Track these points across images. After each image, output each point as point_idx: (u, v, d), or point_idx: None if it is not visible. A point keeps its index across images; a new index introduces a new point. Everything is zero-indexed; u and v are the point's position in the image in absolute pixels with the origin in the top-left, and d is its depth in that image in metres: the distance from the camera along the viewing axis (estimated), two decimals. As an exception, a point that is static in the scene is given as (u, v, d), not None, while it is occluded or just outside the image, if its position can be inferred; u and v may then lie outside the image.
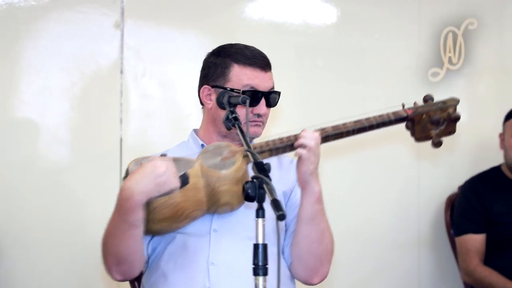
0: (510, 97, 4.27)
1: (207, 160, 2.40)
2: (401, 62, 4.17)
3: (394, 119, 2.55)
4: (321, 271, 2.59)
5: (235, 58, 2.59)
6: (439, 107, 2.54)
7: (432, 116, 2.53)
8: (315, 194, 2.48)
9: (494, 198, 3.98)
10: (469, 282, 4.00)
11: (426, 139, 2.56)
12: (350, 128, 2.52)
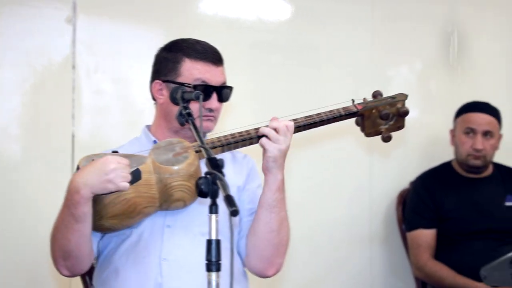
0: (460, 93, 4.32)
1: (159, 156, 2.39)
2: (355, 58, 4.20)
3: (345, 114, 2.58)
4: (276, 263, 2.60)
5: (186, 52, 2.59)
6: (388, 102, 2.56)
7: (381, 111, 2.56)
8: (276, 182, 2.50)
9: (444, 194, 4.02)
10: (420, 277, 4.04)
11: (376, 134, 2.59)
12: (301, 123, 2.54)
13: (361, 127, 2.59)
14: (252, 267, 2.63)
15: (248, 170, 2.69)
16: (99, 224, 2.39)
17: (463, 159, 4.03)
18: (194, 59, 2.58)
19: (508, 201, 4.02)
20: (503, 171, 4.11)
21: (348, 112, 2.58)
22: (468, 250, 3.94)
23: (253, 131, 2.49)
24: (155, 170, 2.36)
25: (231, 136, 2.47)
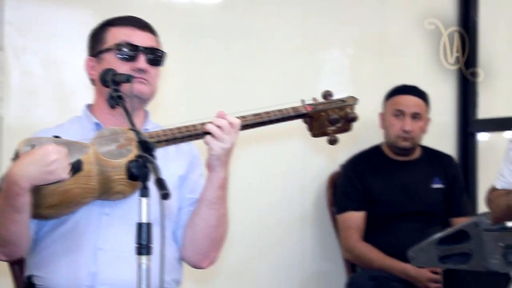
0: (390, 76, 4.37)
1: (101, 147, 2.36)
2: (286, 42, 4.21)
3: (294, 115, 2.57)
4: (211, 256, 2.61)
5: (112, 22, 2.59)
6: (338, 105, 2.56)
7: (330, 115, 2.56)
8: (219, 180, 2.49)
9: (374, 176, 4.07)
10: (350, 259, 4.09)
11: (323, 135, 2.59)
12: (249, 122, 2.52)
13: (309, 126, 2.59)
14: (187, 258, 2.63)
15: (190, 158, 2.66)
16: (36, 213, 2.35)
17: (392, 141, 4.09)
18: (119, 26, 2.57)
19: (435, 183, 4.10)
20: (431, 154, 4.18)
21: (298, 113, 2.56)
22: (396, 232, 4.00)
23: (199, 126, 2.44)
24: (96, 162, 2.33)
25: (177, 130, 2.44)
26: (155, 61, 2.57)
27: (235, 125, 2.46)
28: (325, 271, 4.29)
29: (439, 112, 4.32)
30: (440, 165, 4.14)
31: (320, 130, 2.58)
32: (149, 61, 2.55)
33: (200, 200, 2.54)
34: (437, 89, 4.42)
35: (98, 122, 2.58)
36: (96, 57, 2.58)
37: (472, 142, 4.49)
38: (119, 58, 2.52)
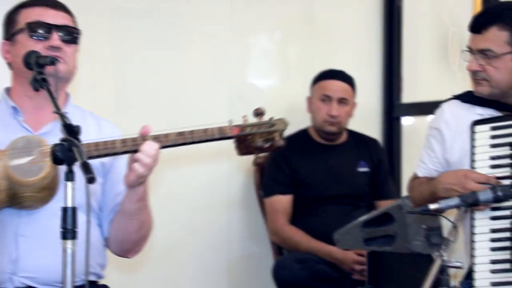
0: (318, 61, 4.40)
1: (13, 159, 2.31)
2: (215, 27, 4.20)
3: (219, 138, 2.52)
4: (135, 250, 2.65)
5: (24, 4, 2.57)
6: (266, 130, 2.50)
7: (256, 142, 2.50)
8: (139, 195, 2.49)
9: (301, 160, 4.11)
10: (276, 241, 4.12)
11: (248, 154, 2.56)
12: (171, 143, 2.48)
13: (235, 145, 2.54)
14: (112, 250, 2.67)
15: None
16: None
17: (319, 126, 4.12)
18: (30, 7, 2.55)
19: (361, 167, 4.15)
20: (357, 138, 4.23)
21: (223, 136, 2.52)
22: (322, 215, 4.05)
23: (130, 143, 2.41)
24: (6, 177, 2.29)
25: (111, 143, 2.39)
26: (70, 39, 2.54)
27: (157, 153, 2.43)
28: (252, 254, 4.31)
29: (365, 96, 4.37)
30: (365, 149, 4.20)
31: (245, 150, 2.53)
32: (63, 39, 2.52)
33: (120, 210, 2.54)
34: (363, 73, 4.47)
35: (15, 106, 2.55)
36: (10, 40, 2.56)
37: (397, 126, 4.56)
38: (32, 38, 2.50)
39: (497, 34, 2.70)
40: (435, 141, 2.86)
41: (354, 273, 3.91)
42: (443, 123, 2.84)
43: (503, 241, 2.58)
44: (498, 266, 2.57)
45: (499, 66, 2.72)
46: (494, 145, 2.65)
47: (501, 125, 2.66)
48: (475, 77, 2.76)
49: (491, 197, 2.49)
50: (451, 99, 2.90)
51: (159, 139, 2.45)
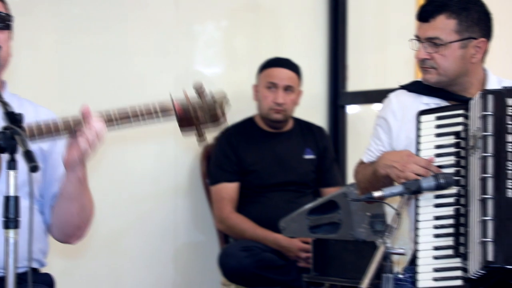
0: (264, 49, 4.40)
1: None
2: (160, 14, 4.18)
3: (162, 116, 2.49)
4: (78, 235, 2.62)
5: None
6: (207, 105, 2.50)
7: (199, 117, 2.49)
8: (78, 178, 2.47)
9: (247, 148, 4.11)
10: (222, 229, 4.13)
11: (192, 130, 2.54)
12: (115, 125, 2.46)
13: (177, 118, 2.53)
14: (55, 237, 2.64)
15: None
16: None
17: (265, 114, 4.13)
18: None
19: (306, 154, 4.17)
20: (303, 126, 4.25)
21: (166, 114, 2.50)
22: (269, 202, 4.07)
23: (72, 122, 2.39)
24: None
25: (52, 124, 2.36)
26: (2, 26, 2.49)
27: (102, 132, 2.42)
28: (198, 242, 4.31)
29: (310, 84, 4.39)
30: (311, 136, 4.22)
31: (188, 125, 2.52)
32: None
33: (60, 194, 2.52)
34: (309, 61, 4.48)
35: None
36: None
37: (342, 114, 4.59)
38: None
39: (445, 23, 2.73)
40: (381, 130, 2.88)
41: (299, 261, 3.93)
42: (390, 113, 2.87)
43: (446, 227, 2.61)
44: (441, 252, 2.60)
45: (447, 54, 2.74)
46: (439, 134, 2.67)
47: (446, 114, 2.68)
48: (423, 65, 2.78)
49: (433, 184, 2.52)
50: (398, 88, 2.92)
51: (103, 117, 2.45)
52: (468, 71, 2.78)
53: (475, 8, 2.76)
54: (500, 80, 2.85)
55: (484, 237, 2.47)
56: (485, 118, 2.55)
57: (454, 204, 2.62)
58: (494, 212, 2.48)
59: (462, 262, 2.56)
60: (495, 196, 2.49)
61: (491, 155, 2.52)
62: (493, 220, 2.48)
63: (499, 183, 2.50)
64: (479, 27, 2.76)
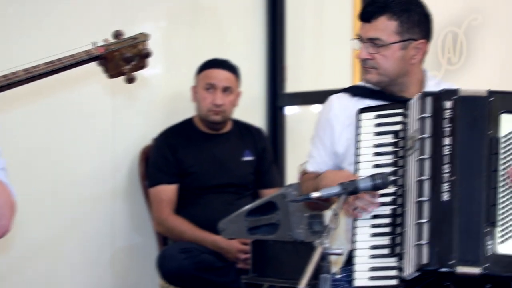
0: (203, 50, 4.39)
1: None
2: (95, 15, 4.13)
3: (87, 58, 2.52)
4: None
5: None
6: (130, 43, 2.54)
7: (124, 53, 2.54)
8: None
9: (186, 149, 4.10)
10: (161, 232, 4.10)
11: (119, 75, 2.56)
12: (42, 71, 2.45)
13: (104, 68, 2.56)
14: None
15: None
16: None
17: (204, 115, 4.12)
18: None
19: (245, 156, 4.17)
20: (242, 127, 4.24)
21: (91, 56, 2.52)
22: (208, 204, 4.05)
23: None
24: None
25: None
26: None
27: None
28: (136, 245, 4.27)
29: (249, 85, 4.39)
30: (250, 138, 4.22)
31: (116, 70, 2.55)
32: None
33: None
34: (248, 63, 4.48)
35: None
36: None
37: (281, 116, 4.60)
38: None
39: (386, 24, 2.75)
40: (324, 133, 2.89)
41: (238, 262, 3.93)
42: (332, 115, 2.87)
43: (383, 227, 2.63)
44: (377, 251, 2.61)
45: (388, 55, 2.76)
46: (378, 132, 2.69)
47: (385, 113, 2.71)
48: (365, 65, 2.81)
49: (370, 184, 2.53)
50: (338, 90, 2.94)
51: (30, 71, 2.41)
52: (408, 71, 2.81)
53: (416, 10, 2.78)
54: (438, 81, 2.88)
55: (419, 240, 2.50)
56: (423, 120, 2.57)
57: (391, 203, 2.64)
58: (429, 215, 2.51)
59: (398, 262, 2.58)
60: (431, 199, 2.52)
61: (428, 157, 2.55)
62: (428, 223, 2.50)
63: (435, 186, 2.53)
64: (419, 28, 2.79)
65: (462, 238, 2.51)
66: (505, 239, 2.50)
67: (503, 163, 2.55)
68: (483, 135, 2.56)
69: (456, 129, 2.56)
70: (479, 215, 2.52)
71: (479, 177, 2.54)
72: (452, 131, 2.56)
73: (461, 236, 2.50)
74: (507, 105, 2.58)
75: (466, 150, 2.56)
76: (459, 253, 2.49)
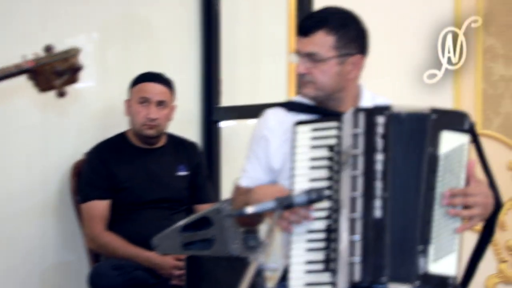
0: (137, 63, 4.35)
1: None
2: (25, 27, 4.07)
3: (16, 72, 2.48)
4: None
5: None
6: (61, 57, 2.51)
7: (55, 67, 2.49)
8: None
9: (119, 164, 4.04)
10: (93, 248, 4.03)
11: (50, 89, 2.53)
12: None
13: (35, 82, 2.52)
14: None
15: None
16: None
17: (137, 129, 4.06)
18: None
19: (180, 170, 4.13)
20: (176, 142, 4.21)
21: (20, 69, 2.49)
22: (142, 219, 4.00)
23: None
24: None
25: None
26: None
27: None
28: (67, 262, 4.20)
29: (184, 99, 4.36)
30: (184, 152, 4.18)
31: (46, 84, 2.52)
32: None
33: None
34: (183, 76, 4.45)
35: None
36: None
37: (216, 130, 4.57)
38: None
39: (324, 39, 2.75)
40: (259, 148, 2.88)
41: (172, 278, 3.88)
42: (268, 130, 2.87)
43: (319, 241, 2.62)
44: (312, 266, 2.61)
45: (325, 70, 2.76)
46: (314, 146, 2.69)
47: (320, 126, 2.71)
48: (302, 79, 2.82)
49: (305, 199, 2.52)
50: (273, 104, 2.93)
51: None
52: (344, 86, 2.81)
53: (353, 25, 2.79)
54: (373, 96, 2.89)
55: (352, 256, 2.50)
56: (356, 136, 2.58)
57: (326, 218, 2.63)
58: (361, 231, 2.52)
59: (332, 278, 2.57)
60: (363, 216, 2.53)
61: (360, 174, 2.55)
62: (360, 240, 2.51)
63: (367, 203, 2.53)
64: (356, 44, 2.80)
65: (394, 255, 2.52)
66: (438, 258, 2.52)
67: (441, 180, 2.55)
68: (421, 152, 2.56)
69: (388, 145, 2.56)
70: (414, 233, 2.53)
71: (416, 194, 2.55)
72: (385, 147, 2.56)
73: (393, 253, 2.52)
74: (449, 124, 2.58)
75: (400, 166, 2.56)
76: (390, 270, 2.50)
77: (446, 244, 2.52)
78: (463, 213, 2.55)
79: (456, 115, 2.60)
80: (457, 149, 2.56)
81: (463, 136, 2.57)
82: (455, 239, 2.53)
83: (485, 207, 2.60)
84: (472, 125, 2.62)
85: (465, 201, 2.55)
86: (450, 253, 2.52)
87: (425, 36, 4.64)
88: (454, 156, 2.56)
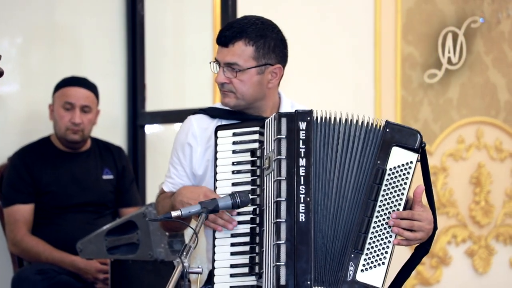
0: (61, 67, 4.32)
1: None
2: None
3: None
4: None
5: None
6: None
7: None
8: None
9: (43, 168, 4.01)
10: (16, 253, 3.99)
11: None
12: None
13: None
14: None
15: None
16: None
17: (62, 134, 4.04)
18: None
19: (105, 174, 4.12)
20: (101, 146, 4.19)
21: None
22: (66, 223, 3.98)
23: None
24: None
25: None
26: None
27: None
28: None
29: (109, 104, 4.35)
30: (110, 156, 4.18)
31: None
32: None
33: None
34: (107, 81, 4.45)
35: None
36: None
37: (141, 134, 4.57)
38: None
39: (243, 49, 2.77)
40: (182, 154, 2.88)
41: (97, 282, 3.88)
42: (191, 137, 2.87)
43: (243, 245, 2.65)
44: (237, 270, 2.63)
45: (244, 79, 2.78)
46: (236, 151, 2.72)
47: (242, 131, 2.73)
48: (222, 88, 2.83)
49: (230, 203, 2.56)
50: (198, 110, 2.94)
51: None
52: (264, 95, 2.84)
53: (271, 36, 2.81)
54: (292, 104, 2.93)
55: (277, 261, 2.53)
56: (279, 141, 2.60)
57: (250, 222, 2.67)
58: (286, 236, 2.54)
59: (257, 281, 2.60)
60: (288, 220, 2.55)
61: (284, 178, 2.58)
62: (285, 244, 2.54)
63: (292, 208, 2.56)
64: (275, 53, 2.82)
65: (319, 259, 2.56)
66: (367, 268, 2.55)
67: (385, 194, 2.59)
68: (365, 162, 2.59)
69: (310, 150, 2.59)
70: (345, 240, 2.57)
71: (352, 202, 2.58)
72: (306, 152, 2.60)
73: (319, 257, 2.55)
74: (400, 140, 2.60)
75: (327, 171, 2.59)
76: (315, 274, 2.54)
77: (378, 256, 2.56)
78: (405, 234, 2.59)
79: (409, 132, 2.63)
80: (404, 165, 2.60)
81: (412, 154, 2.61)
82: (388, 252, 2.56)
83: (428, 233, 2.64)
84: (423, 145, 2.64)
85: (411, 224, 2.59)
86: (380, 265, 2.56)
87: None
88: (399, 172, 2.59)
